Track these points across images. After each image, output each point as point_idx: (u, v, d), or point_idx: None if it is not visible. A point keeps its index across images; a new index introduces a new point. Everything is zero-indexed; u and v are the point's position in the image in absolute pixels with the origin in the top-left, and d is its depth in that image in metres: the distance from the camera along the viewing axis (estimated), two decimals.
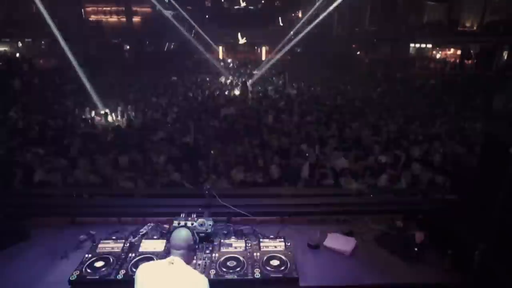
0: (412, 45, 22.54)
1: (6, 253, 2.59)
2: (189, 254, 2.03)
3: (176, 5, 22.78)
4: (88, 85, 11.58)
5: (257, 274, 2.28)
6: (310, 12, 21.47)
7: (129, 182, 4.67)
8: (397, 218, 3.01)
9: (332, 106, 10.75)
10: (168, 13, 23.15)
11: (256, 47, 29.95)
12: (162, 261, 1.99)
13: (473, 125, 8.43)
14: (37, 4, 12.49)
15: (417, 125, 8.40)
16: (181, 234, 2.02)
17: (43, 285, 2.28)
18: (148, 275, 1.91)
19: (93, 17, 27.46)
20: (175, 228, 2.14)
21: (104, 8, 27.90)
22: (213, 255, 2.47)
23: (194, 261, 2.32)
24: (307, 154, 6.06)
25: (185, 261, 1.97)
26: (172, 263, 1.92)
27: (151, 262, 2.11)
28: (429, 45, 23.44)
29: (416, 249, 2.59)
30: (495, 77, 14.29)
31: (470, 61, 19.13)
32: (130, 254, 2.46)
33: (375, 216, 3.13)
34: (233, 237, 2.70)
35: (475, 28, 19.25)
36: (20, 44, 22.09)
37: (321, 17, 21.22)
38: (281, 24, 29.27)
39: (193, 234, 2.06)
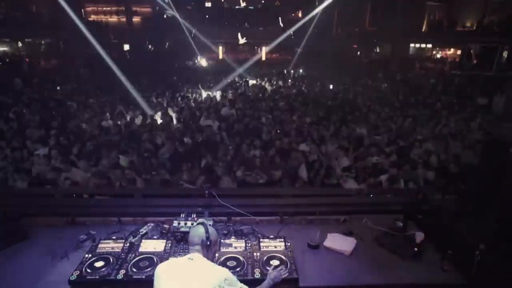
0: (412, 45, 22.52)
1: (6, 253, 2.59)
2: (205, 250, 1.99)
3: (176, 5, 22.79)
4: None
5: (257, 274, 2.28)
6: (310, 12, 21.50)
7: None
8: (397, 218, 3.01)
9: (332, 105, 10.75)
10: (168, 13, 23.16)
11: (256, 47, 29.93)
12: (181, 258, 2.00)
13: (473, 125, 8.43)
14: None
15: (417, 125, 8.40)
16: (196, 231, 2.02)
17: (43, 285, 2.28)
18: (169, 272, 1.90)
19: (93, 17, 27.46)
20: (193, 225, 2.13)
21: (104, 8, 27.91)
22: None
23: None
24: (307, 154, 6.07)
25: (204, 257, 1.97)
26: (192, 259, 1.93)
27: (170, 260, 2.10)
28: (429, 45, 23.43)
29: (416, 249, 2.59)
30: (495, 77, 14.25)
31: (470, 61, 19.11)
32: (130, 254, 2.46)
33: (375, 216, 3.14)
34: (233, 237, 2.70)
35: (475, 28, 19.22)
36: (20, 44, 22.07)
37: (321, 17, 21.28)
38: (281, 24, 29.27)
39: (206, 231, 2.01)
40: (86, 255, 2.43)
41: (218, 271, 1.92)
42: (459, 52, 21.22)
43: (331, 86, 15.04)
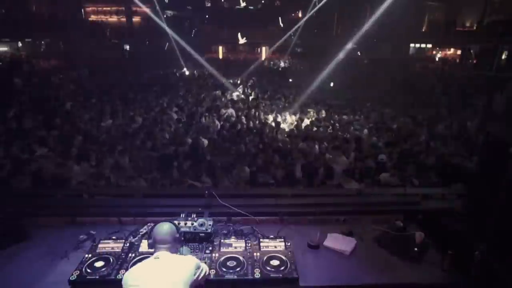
0: (412, 45, 22.53)
1: (6, 253, 2.59)
2: (175, 246, 2.05)
3: (176, 5, 22.80)
4: None
5: (257, 274, 2.28)
6: (310, 12, 21.49)
7: None
8: (397, 218, 3.01)
9: (332, 105, 10.76)
10: (168, 13, 23.14)
11: (256, 47, 29.93)
12: (147, 260, 1.98)
13: (473, 125, 8.43)
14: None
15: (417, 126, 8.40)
16: (165, 228, 2.04)
17: (43, 285, 2.28)
18: (137, 276, 1.86)
19: (93, 17, 27.46)
20: (155, 224, 2.13)
21: (104, 8, 27.90)
22: (213, 255, 2.47)
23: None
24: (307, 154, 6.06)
25: (171, 252, 2.00)
26: (158, 258, 1.93)
27: (136, 265, 2.00)
28: (429, 45, 23.44)
29: (416, 249, 2.58)
30: (495, 77, 14.27)
31: (470, 61, 19.12)
32: (130, 254, 2.46)
33: (375, 216, 3.13)
34: (233, 237, 2.70)
35: (475, 28, 19.23)
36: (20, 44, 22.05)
37: (321, 17, 21.27)
38: (281, 24, 29.26)
39: (173, 228, 2.08)
40: (86, 255, 2.44)
41: (187, 263, 1.95)
42: (459, 52, 21.22)
43: (331, 84, 15.05)
